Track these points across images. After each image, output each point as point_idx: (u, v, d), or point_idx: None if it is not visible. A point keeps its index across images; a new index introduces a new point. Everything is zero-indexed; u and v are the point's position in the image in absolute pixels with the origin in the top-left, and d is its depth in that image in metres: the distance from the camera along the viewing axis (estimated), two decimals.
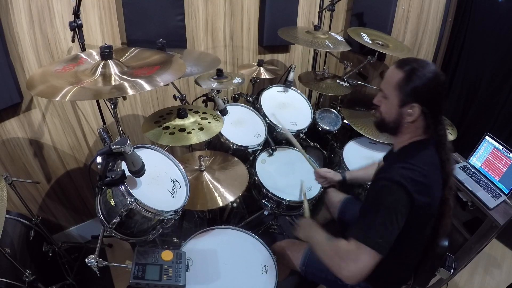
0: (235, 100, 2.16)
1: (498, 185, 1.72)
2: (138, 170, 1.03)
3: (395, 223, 0.94)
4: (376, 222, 0.95)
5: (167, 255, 1.14)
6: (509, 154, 1.71)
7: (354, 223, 1.04)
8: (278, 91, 2.12)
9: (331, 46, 1.97)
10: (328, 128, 2.12)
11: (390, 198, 0.95)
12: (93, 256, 1.05)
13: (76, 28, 1.34)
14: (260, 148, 1.81)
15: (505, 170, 1.70)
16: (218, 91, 1.77)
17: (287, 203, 1.63)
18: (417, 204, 0.95)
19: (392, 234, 0.95)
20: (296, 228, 1.27)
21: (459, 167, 1.86)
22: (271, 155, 1.86)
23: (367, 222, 0.98)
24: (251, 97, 2.06)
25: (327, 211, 1.73)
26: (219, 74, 1.83)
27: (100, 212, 1.11)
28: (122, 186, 1.01)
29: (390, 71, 1.04)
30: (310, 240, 1.18)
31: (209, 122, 1.48)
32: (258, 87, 2.23)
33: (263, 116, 1.91)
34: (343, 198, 1.62)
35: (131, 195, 1.02)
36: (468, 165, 1.89)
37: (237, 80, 1.86)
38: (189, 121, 1.47)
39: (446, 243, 1.11)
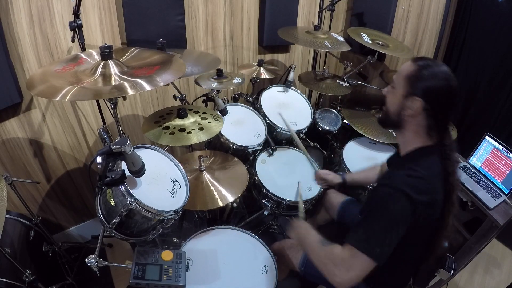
0: (235, 100, 2.16)
1: (498, 185, 1.72)
2: (138, 170, 1.03)
3: (395, 232, 0.92)
4: (375, 230, 0.93)
5: (167, 255, 1.14)
6: (509, 154, 1.71)
7: (353, 228, 1.00)
8: (278, 91, 2.11)
9: (331, 46, 1.97)
10: (328, 128, 2.12)
11: (393, 206, 0.92)
12: (93, 256, 1.05)
13: (76, 28, 1.34)
14: (260, 148, 1.81)
15: (507, 172, 1.70)
16: (218, 91, 1.77)
17: (287, 203, 1.63)
18: (419, 213, 0.93)
19: (392, 243, 0.93)
20: (289, 228, 1.26)
21: (459, 167, 1.86)
22: (271, 155, 1.86)
23: (366, 229, 0.95)
24: (251, 97, 2.06)
25: (326, 212, 1.73)
26: (219, 74, 1.83)
27: (100, 212, 1.11)
28: (122, 186, 1.01)
29: (404, 64, 1.04)
30: (302, 242, 1.17)
31: (209, 122, 1.48)
32: (258, 87, 2.23)
33: (263, 116, 1.91)
34: (343, 200, 1.61)
35: (131, 195, 1.02)
36: (468, 165, 1.89)
37: (237, 80, 1.86)
38: (189, 121, 1.47)
39: (446, 244, 1.11)
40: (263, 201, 1.71)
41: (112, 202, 1.08)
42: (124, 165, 1.03)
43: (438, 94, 0.96)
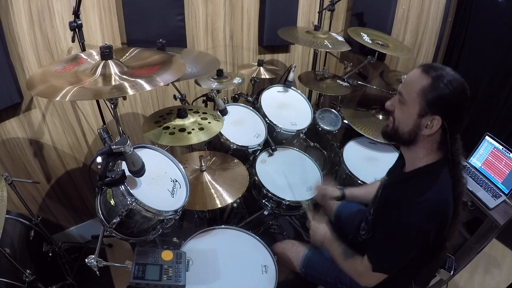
0: (235, 100, 2.16)
1: (498, 185, 1.72)
2: (138, 170, 1.03)
3: (409, 253, 0.99)
4: (390, 253, 1.01)
5: (167, 255, 1.13)
6: (509, 154, 1.71)
7: (370, 246, 1.08)
8: (278, 91, 2.11)
9: (331, 46, 1.97)
10: (328, 128, 2.12)
11: (408, 237, 0.95)
12: (93, 256, 1.05)
13: (76, 28, 1.33)
14: (260, 148, 1.81)
15: (508, 172, 1.70)
16: (218, 91, 1.77)
17: (287, 203, 1.63)
18: (433, 236, 0.96)
19: (404, 261, 1.01)
20: (310, 233, 1.32)
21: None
22: (271, 155, 1.86)
23: (383, 249, 1.03)
24: (251, 97, 2.05)
25: (324, 212, 1.73)
26: (219, 74, 1.83)
27: (100, 212, 1.11)
28: (122, 186, 1.01)
29: (414, 75, 0.93)
30: (325, 248, 1.27)
31: (209, 122, 1.48)
32: (258, 87, 2.23)
33: (263, 116, 1.91)
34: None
35: (131, 195, 1.02)
36: (468, 165, 1.89)
37: (237, 80, 1.86)
38: (189, 121, 1.47)
39: (447, 244, 1.11)
40: (263, 201, 1.71)
41: (112, 202, 1.08)
42: (124, 165, 1.03)
43: (457, 108, 0.90)
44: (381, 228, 1.06)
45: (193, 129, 1.41)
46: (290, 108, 2.05)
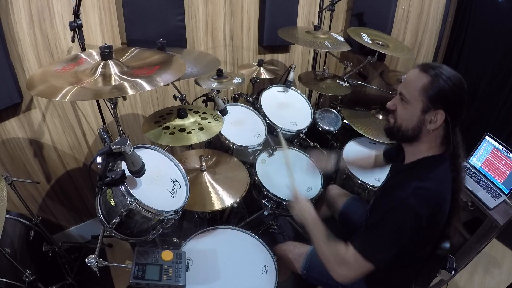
0: (235, 100, 2.16)
1: (498, 185, 1.72)
2: (138, 170, 1.03)
3: (399, 243, 0.95)
4: (379, 239, 0.96)
5: (167, 255, 1.13)
6: (509, 154, 1.71)
7: (358, 232, 1.04)
8: (278, 91, 2.11)
9: (331, 46, 1.97)
10: (328, 128, 2.12)
11: (399, 219, 0.93)
12: (93, 256, 1.05)
13: (76, 28, 1.33)
14: (260, 148, 1.81)
15: (508, 172, 1.70)
16: (218, 91, 1.77)
17: (287, 203, 1.63)
18: (425, 225, 0.93)
19: (394, 251, 0.96)
20: (291, 205, 1.24)
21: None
22: (271, 155, 1.86)
23: (371, 236, 0.99)
24: (251, 97, 2.05)
25: (327, 208, 1.73)
26: (219, 74, 1.83)
27: (100, 212, 1.11)
28: (122, 186, 1.01)
29: (413, 75, 0.98)
30: (307, 229, 1.15)
31: (209, 122, 1.48)
32: (258, 87, 2.23)
33: (263, 116, 1.91)
34: (347, 198, 1.61)
35: (131, 195, 1.02)
36: (468, 165, 1.89)
37: (237, 80, 1.86)
38: (189, 121, 1.47)
39: (448, 245, 1.11)
40: (263, 201, 1.71)
41: (112, 202, 1.08)
42: (124, 165, 1.03)
43: (458, 100, 0.94)
44: (374, 214, 1.05)
45: (193, 129, 1.41)
46: (290, 108, 2.05)
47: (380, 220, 0.98)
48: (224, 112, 1.66)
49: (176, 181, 1.23)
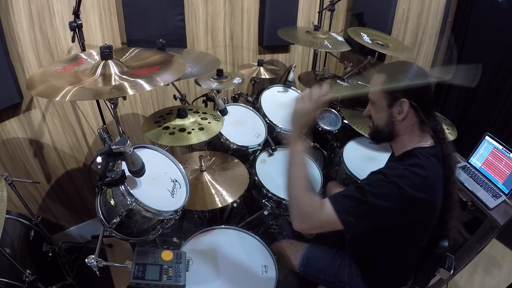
0: (235, 100, 2.16)
1: (498, 185, 1.72)
2: (138, 170, 1.03)
3: (375, 214, 0.91)
4: (357, 202, 0.91)
5: (167, 255, 1.14)
6: (509, 154, 1.71)
7: (339, 191, 0.98)
8: (278, 91, 2.11)
9: (331, 46, 1.96)
10: (328, 128, 2.12)
11: (381, 192, 0.90)
12: (93, 256, 1.05)
13: (76, 28, 1.33)
14: (260, 148, 1.81)
15: (508, 172, 1.70)
16: (218, 91, 1.77)
17: (287, 203, 1.63)
18: (411, 209, 0.91)
19: (368, 222, 0.93)
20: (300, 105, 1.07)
21: (459, 167, 1.86)
22: (271, 155, 1.86)
23: (349, 197, 0.93)
24: (251, 97, 2.05)
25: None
26: (219, 74, 1.83)
27: (100, 212, 1.11)
28: (122, 186, 1.01)
29: (373, 78, 1.08)
30: (290, 161, 1.01)
31: (209, 122, 1.48)
32: (258, 87, 2.23)
33: (263, 116, 1.91)
34: None
35: (131, 195, 1.02)
36: (468, 165, 1.89)
37: (237, 80, 1.86)
38: (189, 121, 1.47)
39: (446, 243, 1.11)
40: (263, 201, 1.71)
41: (112, 202, 1.08)
42: (124, 165, 1.03)
43: (416, 86, 0.99)
44: (362, 181, 1.00)
45: (193, 129, 1.41)
46: (290, 108, 2.05)
47: (362, 187, 0.93)
48: (224, 112, 1.66)
49: (176, 181, 1.23)
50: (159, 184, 1.18)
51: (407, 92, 0.99)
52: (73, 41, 1.38)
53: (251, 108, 1.96)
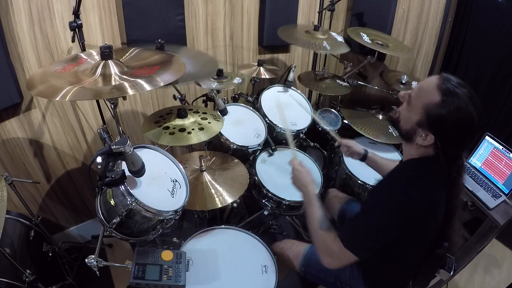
0: (235, 100, 2.16)
1: (498, 185, 1.72)
2: (138, 170, 1.03)
3: (381, 237, 0.96)
4: (362, 232, 0.98)
5: (167, 255, 1.14)
6: (509, 154, 1.71)
7: (345, 222, 1.05)
8: (278, 91, 2.11)
9: (329, 48, 1.95)
10: (328, 128, 2.12)
11: (381, 216, 0.94)
12: (93, 256, 1.05)
13: (76, 28, 1.33)
14: (260, 148, 1.81)
15: (508, 172, 1.70)
16: (218, 91, 1.77)
17: (287, 203, 1.63)
18: (413, 225, 0.94)
19: (375, 245, 0.98)
20: (295, 173, 1.24)
21: None
22: (271, 155, 1.87)
23: (354, 228, 1.00)
24: (251, 97, 2.05)
25: (327, 212, 1.73)
26: (219, 74, 1.83)
27: (100, 212, 1.11)
28: (122, 186, 1.01)
29: (429, 86, 0.92)
30: (305, 203, 1.18)
31: (209, 122, 1.48)
32: (258, 87, 2.23)
33: (263, 116, 1.91)
34: (345, 199, 1.61)
35: (131, 195, 1.02)
36: (468, 165, 1.89)
37: (237, 80, 1.86)
38: (189, 121, 1.47)
39: (446, 244, 1.11)
40: (263, 201, 1.71)
41: (112, 202, 1.08)
42: (124, 165, 1.03)
43: (455, 137, 0.90)
44: (362, 205, 1.06)
45: (193, 129, 1.41)
46: (290, 108, 2.05)
47: (364, 212, 0.99)
48: (224, 112, 1.66)
49: (176, 181, 1.23)
50: (159, 184, 1.18)
51: (441, 133, 0.90)
52: (73, 41, 1.38)
53: (251, 108, 1.96)
